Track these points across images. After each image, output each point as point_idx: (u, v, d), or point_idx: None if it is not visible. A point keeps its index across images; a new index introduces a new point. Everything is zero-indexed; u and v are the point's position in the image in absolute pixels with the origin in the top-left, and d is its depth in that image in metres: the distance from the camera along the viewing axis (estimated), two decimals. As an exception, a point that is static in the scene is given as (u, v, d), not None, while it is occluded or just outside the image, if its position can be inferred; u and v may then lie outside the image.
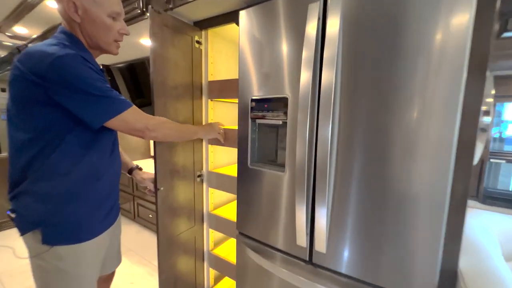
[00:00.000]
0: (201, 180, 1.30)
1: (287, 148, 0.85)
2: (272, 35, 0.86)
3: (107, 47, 0.78)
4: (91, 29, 0.73)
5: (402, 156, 0.65)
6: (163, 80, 1.02)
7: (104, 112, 0.70)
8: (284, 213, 0.90)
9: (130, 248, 2.19)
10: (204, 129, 1.11)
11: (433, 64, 0.59)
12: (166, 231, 1.14)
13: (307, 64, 0.75)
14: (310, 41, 0.74)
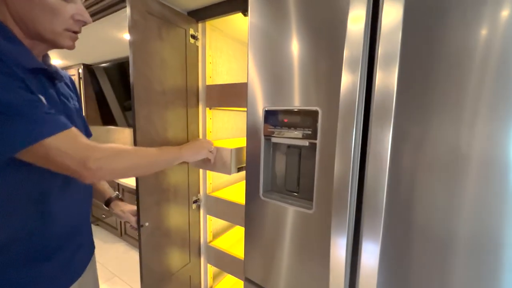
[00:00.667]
0: (198, 206, 1.06)
1: (317, 178, 0.63)
2: (294, 29, 0.63)
3: (54, 37, 0.54)
4: (25, 11, 0.50)
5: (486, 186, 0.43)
6: (146, 84, 0.78)
7: (11, 139, 0.45)
8: (310, 260, 0.67)
9: (114, 273, 1.92)
10: (190, 149, 0.78)
11: None
12: (153, 275, 0.89)
13: (352, 65, 0.52)
14: (355, 36, 0.52)
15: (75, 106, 0.66)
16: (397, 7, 0.48)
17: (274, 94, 0.68)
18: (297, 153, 0.70)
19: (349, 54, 0.52)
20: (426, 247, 0.51)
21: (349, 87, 0.53)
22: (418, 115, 0.49)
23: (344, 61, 0.53)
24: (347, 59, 0.53)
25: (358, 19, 0.51)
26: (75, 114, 0.65)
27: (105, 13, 1.01)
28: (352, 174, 0.55)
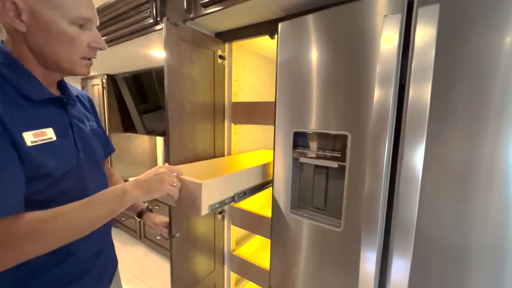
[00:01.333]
0: (223, 216, 1.11)
1: (346, 198, 0.66)
2: (322, 52, 0.66)
3: (71, 66, 0.54)
4: (43, 41, 0.50)
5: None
6: (179, 106, 0.84)
7: None
8: (337, 275, 0.70)
9: (136, 275, 2.01)
10: (138, 187, 0.57)
11: None
12: (182, 283, 0.95)
13: (385, 83, 0.55)
14: (388, 55, 0.55)
15: (91, 127, 0.67)
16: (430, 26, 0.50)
17: (302, 116, 0.72)
18: (325, 173, 0.73)
19: (381, 73, 0.55)
20: (458, 266, 0.54)
21: (381, 107, 0.55)
22: (449, 133, 0.52)
23: (376, 80, 0.56)
24: (379, 78, 0.55)
25: (391, 39, 0.54)
26: (91, 136, 0.65)
27: (137, 35, 1.07)
28: (382, 195, 0.58)
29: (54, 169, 0.51)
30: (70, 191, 0.54)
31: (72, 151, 0.57)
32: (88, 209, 0.51)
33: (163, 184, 0.60)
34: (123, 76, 2.14)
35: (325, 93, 0.67)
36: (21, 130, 0.47)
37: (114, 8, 1.12)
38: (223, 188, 0.74)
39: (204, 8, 0.80)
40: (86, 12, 0.52)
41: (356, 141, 0.63)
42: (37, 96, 0.51)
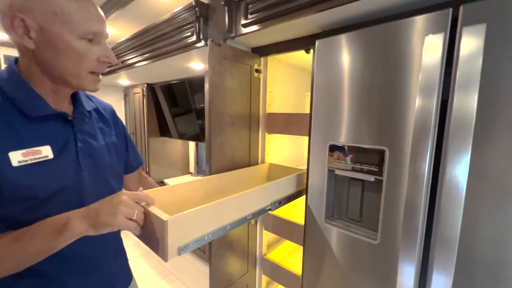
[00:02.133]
0: (255, 221, 1.17)
1: (383, 212, 0.67)
2: (360, 70, 0.69)
3: (79, 82, 0.52)
4: (51, 57, 0.49)
5: None
6: (220, 118, 0.91)
7: None
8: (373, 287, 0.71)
9: (170, 270, 2.14)
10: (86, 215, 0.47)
11: None
12: (220, 282, 1.02)
13: (426, 96, 0.56)
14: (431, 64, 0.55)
15: (106, 142, 0.64)
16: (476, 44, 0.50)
17: (338, 129, 0.74)
18: (360, 185, 0.75)
19: (423, 87, 0.55)
20: (504, 284, 0.53)
21: (422, 121, 0.56)
22: (493, 145, 0.51)
23: (418, 94, 0.56)
24: (421, 92, 0.56)
25: (435, 48, 0.54)
26: (103, 151, 0.62)
27: (179, 52, 1.17)
28: (423, 209, 0.58)
29: (39, 190, 0.48)
30: (60, 211, 0.48)
31: (71, 169, 0.54)
32: (18, 246, 0.44)
33: (114, 217, 0.46)
34: (160, 85, 2.31)
35: (361, 108, 0.69)
36: (7, 150, 0.46)
37: (158, 29, 1.24)
38: (199, 223, 0.58)
39: (244, 28, 0.86)
40: (95, 27, 0.51)
41: (394, 155, 0.64)
42: (36, 113, 0.50)
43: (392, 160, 0.64)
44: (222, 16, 0.93)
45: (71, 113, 0.57)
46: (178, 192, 0.79)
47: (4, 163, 0.45)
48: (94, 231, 0.46)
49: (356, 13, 0.72)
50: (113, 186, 0.64)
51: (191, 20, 1.05)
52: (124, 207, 0.48)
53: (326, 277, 0.83)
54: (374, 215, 0.71)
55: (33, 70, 0.51)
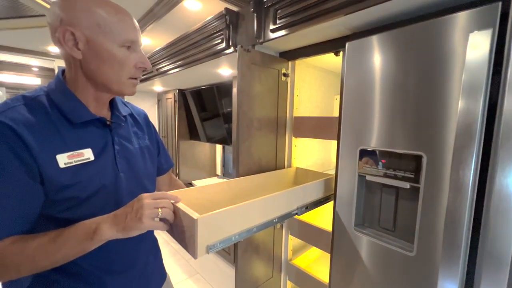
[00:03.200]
0: (281, 225, 1.16)
1: (420, 222, 0.63)
2: (393, 71, 0.66)
3: (119, 87, 0.57)
4: (96, 66, 0.53)
5: None
6: (248, 123, 0.92)
7: None
8: (407, 305, 0.67)
9: (197, 270, 2.20)
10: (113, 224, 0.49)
11: None
12: (245, 285, 1.02)
13: (471, 97, 0.51)
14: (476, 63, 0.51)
15: (140, 145, 0.67)
16: None
17: (369, 133, 0.72)
18: (394, 193, 0.71)
19: (467, 88, 0.51)
20: None
21: (466, 125, 0.51)
22: None
23: (460, 96, 0.52)
24: (464, 94, 0.51)
25: (481, 45, 0.50)
26: (138, 155, 0.65)
27: (209, 59, 1.22)
28: (467, 221, 0.54)
29: (81, 191, 0.52)
30: (98, 213, 0.51)
31: (109, 170, 0.58)
32: (54, 247, 0.47)
33: (141, 221, 0.48)
34: (190, 90, 2.42)
35: (395, 111, 0.66)
36: (54, 153, 0.49)
37: (190, 37, 1.31)
38: (228, 222, 0.60)
39: (273, 33, 0.87)
40: (132, 35, 0.55)
41: (433, 162, 0.60)
42: (79, 119, 0.54)
43: (431, 167, 0.60)
44: (251, 23, 0.95)
45: (109, 118, 0.61)
46: (206, 193, 0.81)
47: (52, 166, 0.49)
48: (122, 235, 0.49)
49: (388, 14, 0.69)
50: (147, 186, 0.67)
51: (221, 28, 1.09)
52: (146, 211, 0.49)
53: (354, 286, 0.79)
54: (409, 225, 0.66)
55: (79, 79, 0.55)
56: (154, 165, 0.72)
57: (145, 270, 0.66)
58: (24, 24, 1.67)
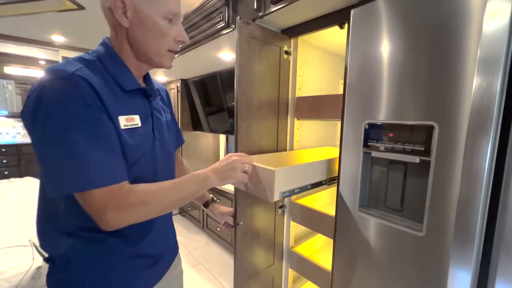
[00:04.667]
0: (283, 212, 1.12)
1: (430, 199, 0.58)
2: (402, 37, 0.60)
3: (159, 59, 0.60)
4: (141, 36, 0.56)
5: None
6: (248, 100, 0.88)
7: (66, 181, 0.46)
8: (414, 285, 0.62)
9: (199, 260, 2.19)
10: (216, 174, 0.64)
11: None
12: (244, 272, 0.99)
13: (489, 69, 0.46)
14: (494, 33, 0.46)
15: (166, 119, 0.71)
16: None
17: (376, 106, 0.67)
18: (402, 169, 0.66)
19: (484, 55, 0.46)
20: None
21: (484, 94, 0.47)
22: None
23: (477, 65, 0.47)
24: (481, 62, 0.47)
25: (500, 12, 0.44)
26: (165, 127, 0.69)
27: (209, 39, 1.18)
28: (483, 200, 0.49)
29: (131, 154, 0.55)
30: (141, 176, 0.57)
31: (150, 138, 0.61)
32: (180, 188, 0.59)
33: (235, 171, 0.66)
34: (193, 80, 2.39)
35: (404, 80, 0.60)
36: (117, 114, 0.53)
37: (189, 19, 1.27)
38: (293, 177, 0.76)
39: (274, 4, 0.83)
40: (175, 8, 0.58)
41: (446, 132, 0.54)
42: (129, 86, 0.57)
43: (443, 138, 0.55)
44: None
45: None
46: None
47: (117, 125, 0.52)
48: (222, 183, 0.65)
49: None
50: (172, 157, 0.72)
51: (220, 6, 1.05)
52: (238, 164, 0.67)
53: (359, 272, 0.75)
54: (418, 204, 0.62)
55: (124, 48, 0.58)
56: (174, 139, 0.76)
57: (170, 244, 0.74)
58: (27, 10, 1.67)
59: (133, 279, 0.61)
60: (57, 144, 0.45)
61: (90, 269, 0.56)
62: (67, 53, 2.42)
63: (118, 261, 0.58)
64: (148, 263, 0.64)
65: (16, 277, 0.87)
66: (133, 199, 0.51)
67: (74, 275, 0.56)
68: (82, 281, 0.56)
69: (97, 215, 0.48)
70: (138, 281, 0.62)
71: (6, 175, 3.08)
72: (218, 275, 1.99)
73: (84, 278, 0.56)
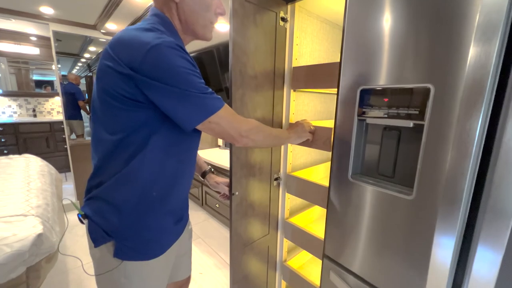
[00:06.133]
0: (278, 184, 1.13)
1: (421, 163, 0.58)
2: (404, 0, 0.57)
3: (203, 31, 0.65)
4: (190, 9, 0.61)
5: None
6: (242, 68, 0.86)
7: (199, 112, 0.57)
8: (402, 248, 0.64)
9: (198, 235, 2.27)
10: (296, 132, 0.88)
11: None
12: (240, 240, 1.02)
13: (487, 33, 0.45)
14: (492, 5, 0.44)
15: None
16: None
17: (372, 71, 0.65)
18: (396, 135, 0.66)
19: (483, 22, 0.45)
20: None
21: (481, 59, 0.45)
22: None
23: (475, 31, 0.46)
24: (479, 28, 0.45)
25: None
26: None
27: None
28: (472, 166, 0.49)
29: None
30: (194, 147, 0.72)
31: None
32: (279, 133, 0.82)
33: (306, 132, 0.91)
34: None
35: (403, 43, 0.58)
36: None
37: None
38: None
39: (269, -36, 0.78)
40: None
41: (441, 94, 0.53)
42: (190, 57, 0.60)
43: (438, 100, 0.54)
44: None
45: None
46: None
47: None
48: (299, 141, 0.91)
49: None
50: None
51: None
52: (307, 126, 0.93)
53: (350, 239, 0.77)
54: (409, 169, 0.62)
55: (175, 21, 0.63)
56: None
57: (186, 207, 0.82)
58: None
59: (168, 230, 0.70)
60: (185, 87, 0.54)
61: (137, 218, 0.63)
62: (58, 27, 2.33)
63: (159, 215, 0.66)
64: (177, 219, 0.73)
65: (18, 243, 0.90)
66: (254, 125, 0.69)
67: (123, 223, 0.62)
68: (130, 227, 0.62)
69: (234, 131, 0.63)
70: (171, 232, 0.71)
71: (5, 154, 3.10)
72: (217, 248, 2.06)
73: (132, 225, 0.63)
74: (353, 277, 0.77)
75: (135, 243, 0.63)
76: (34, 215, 1.07)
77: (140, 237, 0.63)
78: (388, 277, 0.68)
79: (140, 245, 0.64)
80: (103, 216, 0.62)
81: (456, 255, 0.54)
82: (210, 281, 1.66)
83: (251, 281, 1.12)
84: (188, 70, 0.54)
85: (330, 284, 0.83)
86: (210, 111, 0.58)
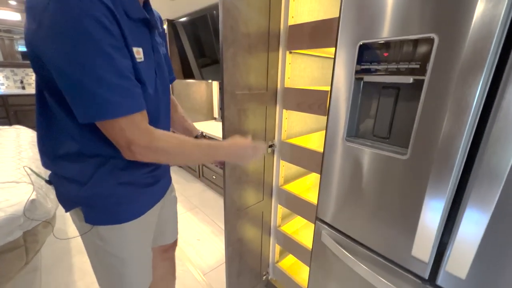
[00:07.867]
0: (273, 151, 1.12)
1: (419, 121, 0.56)
2: None
3: None
4: None
5: None
6: (233, 24, 0.80)
7: (94, 110, 0.45)
8: (393, 208, 0.65)
9: (196, 205, 2.32)
10: (230, 155, 0.70)
11: None
12: (234, 205, 1.03)
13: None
14: None
15: (163, 52, 0.67)
16: None
17: (373, 23, 0.60)
18: (394, 94, 0.62)
19: None
20: None
21: (489, 11, 0.41)
22: None
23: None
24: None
25: None
26: (163, 61, 0.65)
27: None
28: (469, 126, 0.46)
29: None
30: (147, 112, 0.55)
31: (152, 74, 0.58)
32: (198, 152, 0.61)
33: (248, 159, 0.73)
34: (181, 21, 2.17)
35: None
36: (131, 44, 0.49)
37: None
38: None
39: None
40: None
41: (445, 46, 0.49)
42: (135, 14, 0.51)
43: (441, 53, 0.50)
44: None
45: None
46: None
47: (134, 57, 0.50)
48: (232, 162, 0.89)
49: None
50: (170, 95, 0.71)
51: None
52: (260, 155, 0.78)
53: (343, 200, 0.78)
54: (405, 129, 0.60)
55: None
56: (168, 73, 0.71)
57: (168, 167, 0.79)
58: None
59: (139, 194, 0.65)
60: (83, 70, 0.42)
61: (101, 184, 0.58)
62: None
63: (127, 178, 0.61)
64: (152, 182, 0.68)
65: (11, 208, 0.90)
66: (158, 144, 0.53)
67: (87, 190, 0.57)
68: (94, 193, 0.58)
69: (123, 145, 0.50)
70: (143, 196, 0.67)
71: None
72: (214, 217, 2.12)
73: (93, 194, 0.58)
74: (344, 237, 0.79)
75: (102, 209, 0.60)
76: (26, 182, 1.06)
77: (107, 203, 0.60)
78: (378, 237, 0.69)
79: (108, 211, 0.61)
80: (63, 185, 0.59)
81: (444, 215, 0.54)
82: (207, 247, 1.73)
83: (246, 244, 1.16)
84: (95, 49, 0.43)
85: (321, 245, 0.86)
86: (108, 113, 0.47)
